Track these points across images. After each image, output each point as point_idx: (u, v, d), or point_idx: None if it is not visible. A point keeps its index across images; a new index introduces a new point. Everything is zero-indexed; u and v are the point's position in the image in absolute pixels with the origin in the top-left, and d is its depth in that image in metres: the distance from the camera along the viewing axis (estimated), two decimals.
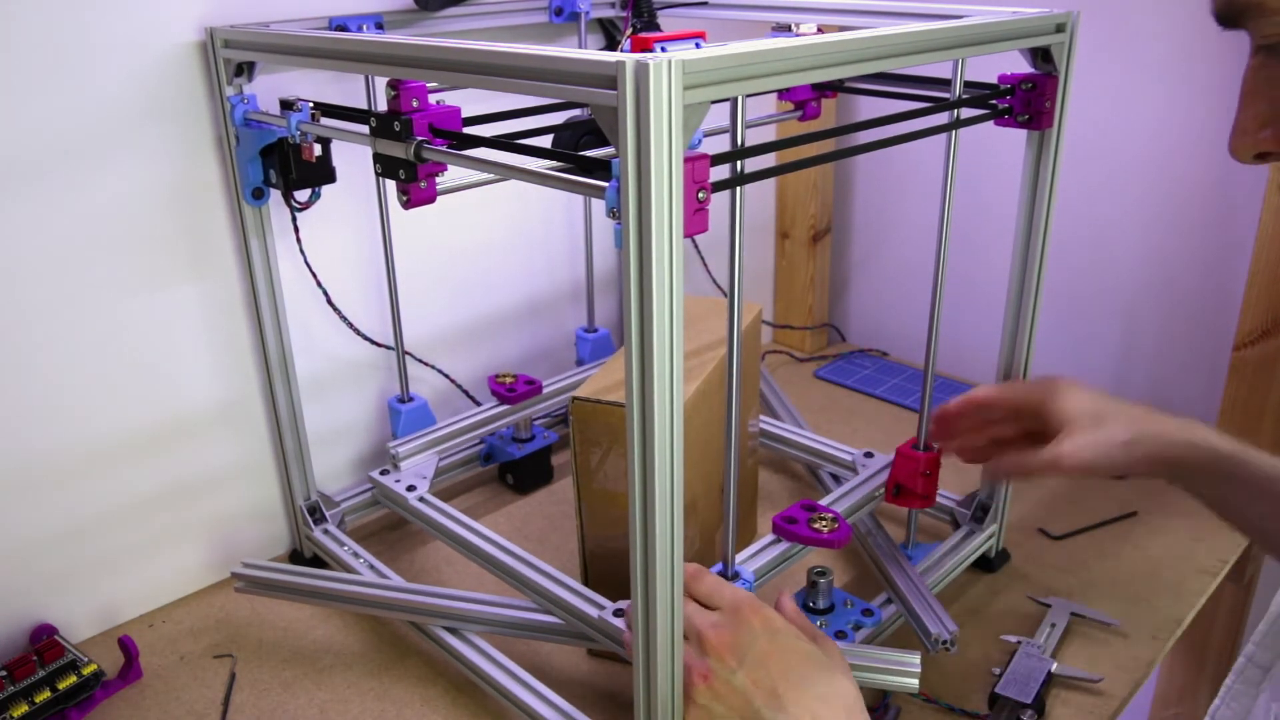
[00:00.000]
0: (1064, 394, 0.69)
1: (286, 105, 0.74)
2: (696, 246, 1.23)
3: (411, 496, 0.89)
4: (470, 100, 0.68)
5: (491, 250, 1.06)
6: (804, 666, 0.59)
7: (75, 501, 0.81)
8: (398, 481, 0.92)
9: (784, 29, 0.79)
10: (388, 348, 0.98)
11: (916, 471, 0.79)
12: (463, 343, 1.07)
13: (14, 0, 0.69)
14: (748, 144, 0.57)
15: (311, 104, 0.73)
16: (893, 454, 0.84)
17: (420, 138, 0.63)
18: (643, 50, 0.49)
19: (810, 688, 0.58)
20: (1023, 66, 0.73)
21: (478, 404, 1.04)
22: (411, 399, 0.98)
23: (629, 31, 0.98)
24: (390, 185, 0.69)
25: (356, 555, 0.87)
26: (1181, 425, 0.70)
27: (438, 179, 0.66)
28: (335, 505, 0.93)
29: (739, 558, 0.74)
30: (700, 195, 0.48)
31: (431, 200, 0.66)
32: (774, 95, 1.15)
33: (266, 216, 0.82)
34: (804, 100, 0.93)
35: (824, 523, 0.73)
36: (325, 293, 0.91)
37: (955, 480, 0.91)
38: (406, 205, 0.66)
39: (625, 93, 0.45)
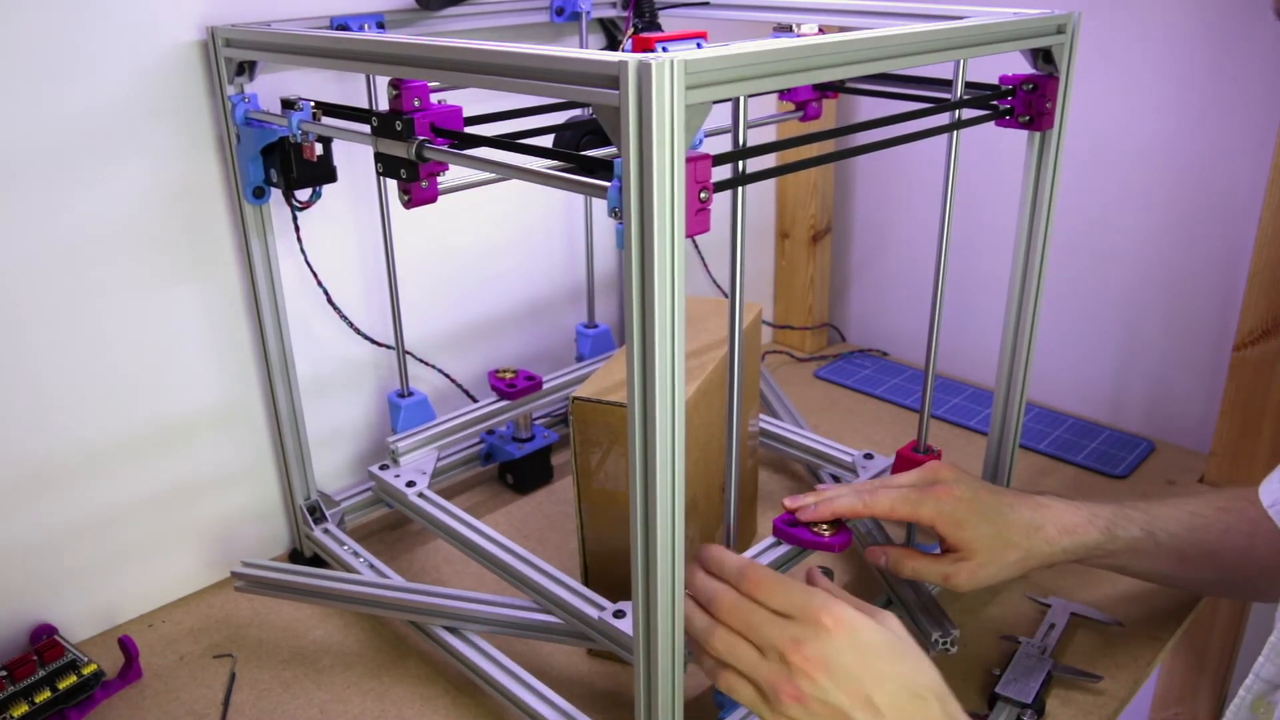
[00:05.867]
0: (957, 522, 0.71)
1: (288, 104, 0.74)
2: (697, 247, 1.23)
3: (411, 492, 0.89)
4: (472, 100, 0.68)
5: (492, 250, 1.06)
6: (891, 665, 0.57)
7: (75, 501, 0.81)
8: (397, 476, 0.91)
9: (785, 29, 0.79)
10: (388, 347, 0.98)
11: None
12: (463, 342, 1.07)
13: (14, 0, 0.69)
14: (749, 144, 0.57)
15: (313, 103, 0.73)
16: (893, 456, 0.84)
17: (422, 137, 0.63)
18: (644, 50, 0.49)
19: (903, 685, 0.57)
20: (1024, 67, 0.73)
21: (475, 401, 1.04)
22: (411, 394, 0.98)
23: (630, 31, 0.98)
24: (391, 185, 0.69)
25: (356, 555, 0.87)
26: (1078, 524, 0.73)
27: (439, 178, 0.66)
28: (335, 505, 0.93)
29: None
30: (702, 195, 0.48)
31: (433, 200, 0.66)
32: (775, 95, 1.15)
33: (267, 216, 0.82)
34: (805, 101, 0.93)
35: (824, 526, 0.73)
36: (326, 292, 0.91)
37: None
38: (408, 205, 0.66)
39: (628, 93, 0.45)
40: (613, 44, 1.07)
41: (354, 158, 0.88)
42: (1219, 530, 0.73)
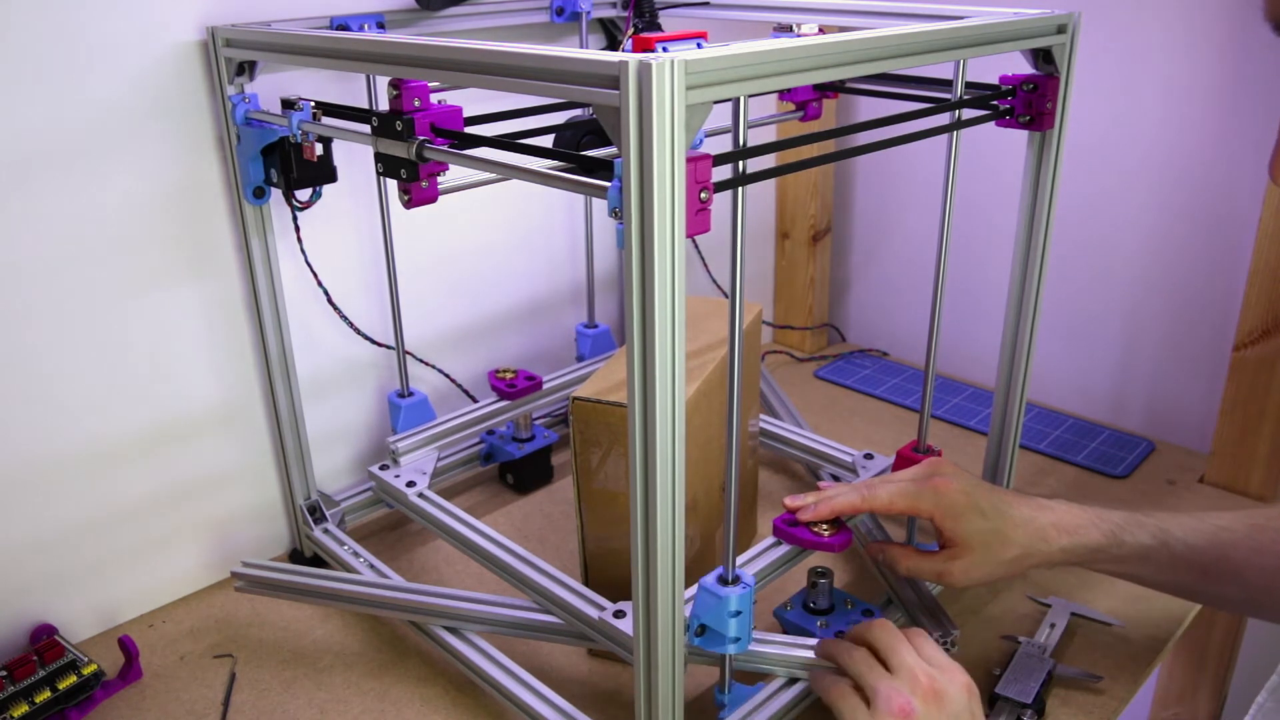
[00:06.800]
0: (955, 515, 0.71)
1: (288, 104, 0.74)
2: (697, 247, 1.23)
3: (411, 492, 0.89)
4: (472, 100, 0.68)
5: (492, 250, 1.06)
6: None
7: (75, 501, 0.81)
8: (397, 477, 0.91)
9: (785, 29, 0.79)
10: (388, 347, 0.98)
11: None
12: (463, 342, 1.07)
13: (15, 1, 0.69)
14: (749, 144, 0.57)
15: (313, 103, 0.73)
16: (893, 456, 0.84)
17: (422, 137, 0.63)
18: (644, 50, 0.49)
19: None
20: (1024, 67, 0.73)
21: (475, 401, 1.04)
22: (411, 394, 0.98)
23: (630, 31, 0.98)
24: (391, 185, 0.69)
25: (356, 555, 0.87)
26: (1079, 526, 0.72)
27: (439, 178, 0.66)
28: (335, 505, 0.93)
29: (739, 561, 0.74)
30: (702, 195, 0.48)
31: (433, 200, 0.66)
32: (775, 96, 1.15)
33: (267, 216, 0.82)
34: (805, 101, 0.93)
35: (824, 526, 0.73)
36: (326, 292, 0.91)
37: None
38: (408, 205, 0.66)
39: (628, 93, 0.45)
40: (613, 44, 1.07)
41: (354, 158, 0.88)
42: (1248, 548, 0.70)
